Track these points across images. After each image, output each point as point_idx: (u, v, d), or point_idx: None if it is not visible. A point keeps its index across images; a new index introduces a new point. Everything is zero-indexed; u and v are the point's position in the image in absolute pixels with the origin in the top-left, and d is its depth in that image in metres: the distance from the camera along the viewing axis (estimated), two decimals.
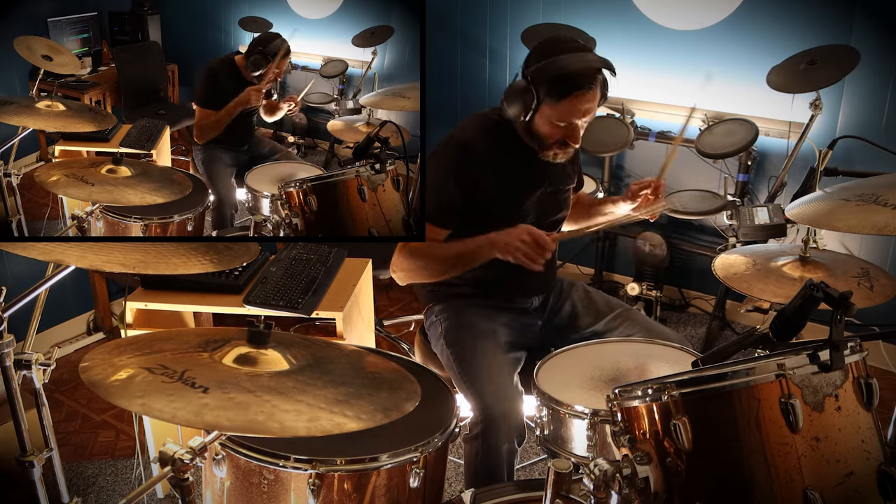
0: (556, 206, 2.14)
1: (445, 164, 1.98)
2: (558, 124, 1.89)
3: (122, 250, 1.42)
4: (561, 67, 1.82)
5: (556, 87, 1.84)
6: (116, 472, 2.68)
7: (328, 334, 2.25)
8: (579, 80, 1.83)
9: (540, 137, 1.94)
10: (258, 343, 1.34)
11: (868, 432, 1.27)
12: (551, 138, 1.93)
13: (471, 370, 1.94)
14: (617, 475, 1.29)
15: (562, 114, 1.87)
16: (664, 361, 1.88)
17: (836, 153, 2.65)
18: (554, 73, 1.82)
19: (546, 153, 1.97)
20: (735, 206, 3.08)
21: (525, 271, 2.13)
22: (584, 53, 1.84)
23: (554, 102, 1.85)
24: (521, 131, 1.98)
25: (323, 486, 1.46)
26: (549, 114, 1.88)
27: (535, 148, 1.98)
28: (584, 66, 1.83)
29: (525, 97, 1.86)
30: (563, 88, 1.84)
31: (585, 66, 1.83)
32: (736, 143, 3.03)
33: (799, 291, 1.34)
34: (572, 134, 1.91)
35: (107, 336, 3.47)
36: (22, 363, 1.34)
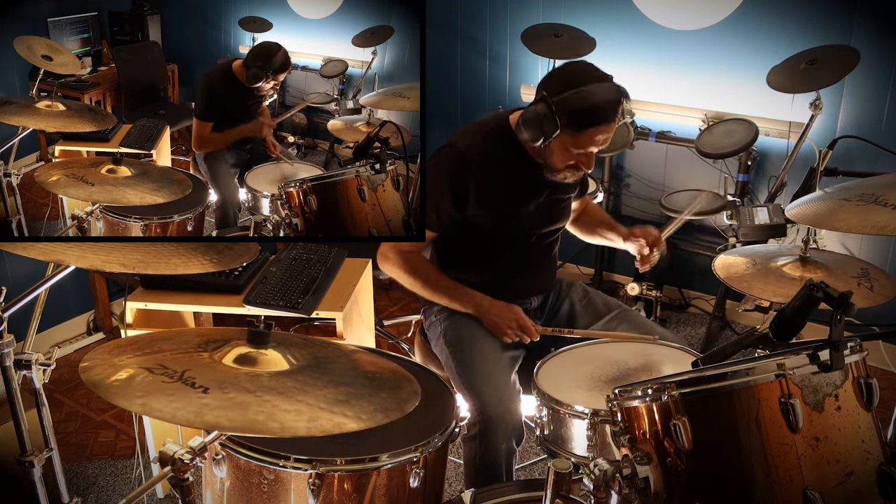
0: (556, 215, 2.14)
1: (440, 171, 1.98)
2: (574, 151, 1.89)
3: (122, 250, 1.42)
4: (586, 99, 1.80)
5: (581, 118, 1.82)
6: (116, 472, 2.68)
7: (328, 334, 2.25)
8: (603, 113, 1.81)
9: (551, 160, 1.93)
10: (258, 343, 1.34)
11: (868, 432, 1.27)
12: (563, 162, 1.93)
13: (469, 371, 1.94)
14: (617, 475, 1.29)
15: (580, 143, 1.86)
16: (664, 361, 1.88)
17: (836, 153, 2.65)
18: (580, 104, 1.81)
19: (556, 175, 1.97)
20: (735, 206, 3.08)
21: (524, 272, 2.14)
22: (608, 84, 1.83)
23: (575, 132, 1.84)
24: (531, 150, 1.97)
25: (323, 486, 1.46)
26: (567, 141, 1.87)
27: (544, 169, 1.97)
28: (608, 98, 1.81)
29: (545, 125, 1.84)
30: (587, 120, 1.82)
31: (609, 98, 1.81)
32: (736, 143, 3.02)
33: (799, 291, 1.34)
34: (587, 161, 1.92)
35: (107, 336, 3.47)
36: (22, 363, 1.34)
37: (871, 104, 3.04)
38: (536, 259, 2.15)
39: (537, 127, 1.85)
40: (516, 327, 1.97)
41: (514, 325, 1.97)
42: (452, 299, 2.04)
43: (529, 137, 1.89)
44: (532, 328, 1.98)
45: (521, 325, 1.98)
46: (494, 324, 1.99)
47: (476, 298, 2.02)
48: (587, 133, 1.84)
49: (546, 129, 1.84)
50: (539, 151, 1.94)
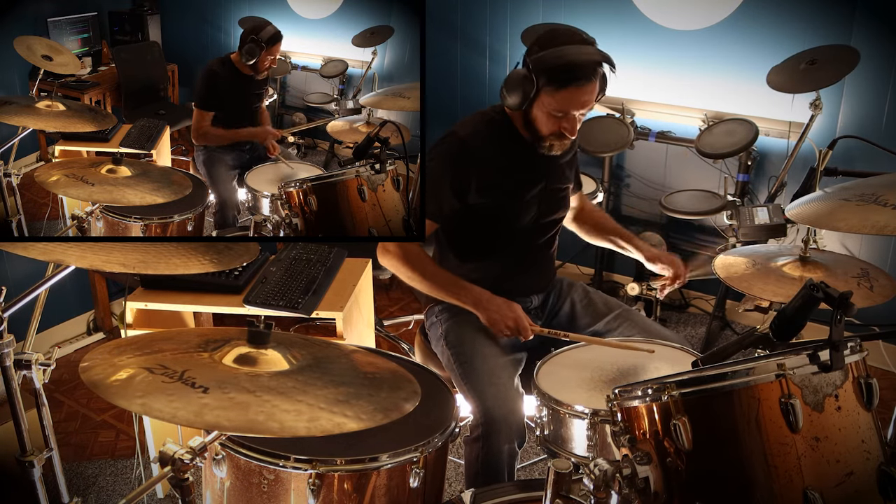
0: (555, 204, 2.14)
1: (442, 159, 1.99)
2: (556, 115, 1.90)
3: (122, 250, 1.42)
4: (562, 57, 1.83)
5: (557, 76, 1.84)
6: (116, 472, 2.68)
7: (328, 334, 2.25)
8: (580, 71, 1.83)
9: (536, 127, 1.95)
10: (258, 343, 1.34)
11: (868, 432, 1.27)
12: (548, 129, 1.93)
13: (472, 372, 1.94)
14: (617, 475, 1.29)
15: (560, 103, 1.87)
16: (664, 361, 1.88)
17: (836, 153, 2.65)
18: (555, 62, 1.83)
19: (542, 144, 1.97)
20: (735, 206, 3.08)
21: (524, 268, 2.14)
22: (585, 46, 1.85)
23: (553, 91, 1.85)
24: (519, 123, 1.99)
25: (323, 486, 1.46)
26: (547, 103, 1.88)
27: (532, 140, 1.98)
28: (586, 58, 1.83)
29: (525, 84, 1.86)
30: (563, 78, 1.84)
31: (587, 58, 1.84)
32: (736, 143, 3.03)
33: (799, 291, 1.34)
34: (569, 125, 1.92)
35: (107, 336, 3.47)
36: (22, 363, 1.34)
37: (871, 104, 3.04)
38: (535, 255, 2.16)
39: (518, 88, 1.87)
40: (513, 325, 1.95)
41: (510, 322, 1.95)
42: (452, 294, 2.03)
43: (513, 101, 1.90)
44: (527, 327, 1.95)
45: (517, 324, 1.95)
46: (492, 319, 1.97)
47: (475, 293, 2.00)
48: (566, 92, 1.85)
49: (525, 88, 1.86)
50: (525, 120, 1.95)
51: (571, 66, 1.83)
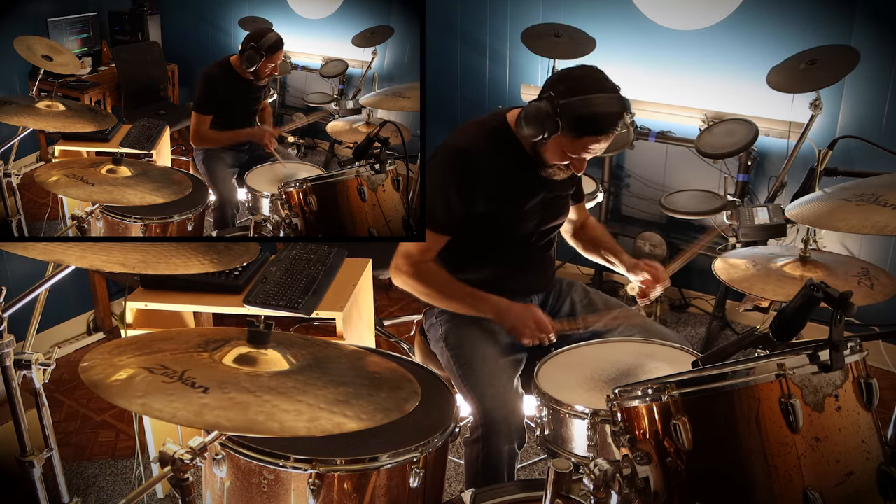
0: (556, 211, 2.15)
1: (445, 172, 1.97)
2: (569, 154, 1.90)
3: (122, 250, 1.42)
4: (590, 107, 1.81)
5: (582, 126, 1.83)
6: (116, 472, 2.68)
7: (328, 334, 2.25)
8: (605, 125, 1.83)
9: (544, 156, 1.95)
10: (258, 343, 1.34)
11: (868, 432, 1.27)
12: (556, 160, 1.94)
13: (471, 374, 1.93)
14: (617, 475, 1.29)
15: (576, 148, 1.88)
16: (664, 361, 1.88)
17: (836, 153, 2.65)
18: (583, 111, 1.81)
19: (546, 170, 1.98)
20: (735, 206, 3.08)
21: (524, 270, 2.14)
22: (614, 95, 1.84)
23: (573, 137, 1.85)
24: (526, 145, 1.98)
25: (323, 486, 1.46)
26: (564, 143, 1.88)
27: (535, 160, 1.98)
28: (612, 110, 1.82)
29: (547, 123, 1.84)
30: (587, 129, 1.84)
31: (613, 110, 1.82)
32: (736, 143, 3.02)
33: (799, 291, 1.34)
34: (579, 165, 1.94)
35: (107, 336, 3.47)
36: (22, 363, 1.34)
37: (871, 104, 3.04)
38: (535, 257, 2.16)
39: (538, 124, 1.85)
40: (535, 328, 1.93)
41: (532, 326, 1.93)
42: (470, 307, 2.01)
43: (529, 133, 1.89)
44: (550, 327, 1.93)
45: (539, 326, 1.93)
46: (514, 327, 1.95)
47: (493, 303, 1.98)
48: (584, 140, 1.85)
49: (547, 127, 1.85)
50: (534, 146, 1.95)
51: (598, 117, 1.82)
